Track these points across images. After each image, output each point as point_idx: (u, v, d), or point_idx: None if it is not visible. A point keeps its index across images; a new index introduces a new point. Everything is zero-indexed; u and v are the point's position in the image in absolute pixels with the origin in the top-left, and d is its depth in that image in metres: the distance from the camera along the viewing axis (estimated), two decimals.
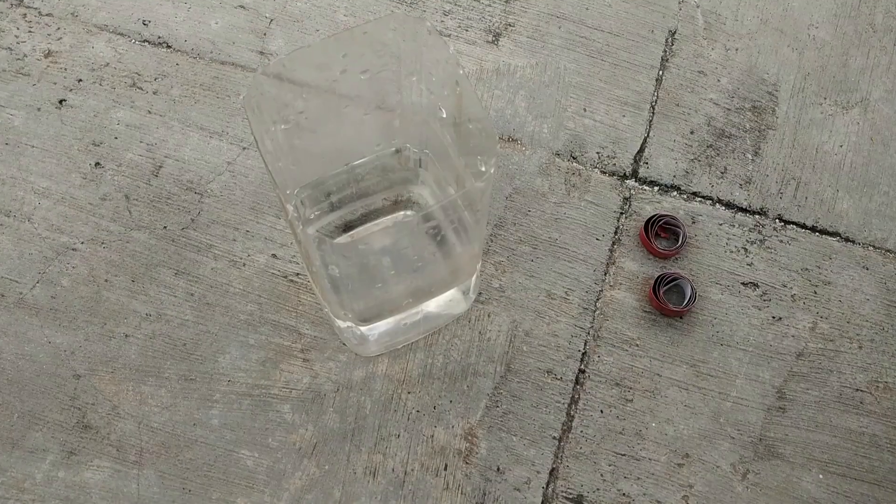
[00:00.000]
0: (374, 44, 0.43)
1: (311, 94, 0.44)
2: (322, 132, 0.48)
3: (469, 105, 0.40)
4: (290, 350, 0.56)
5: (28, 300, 0.56)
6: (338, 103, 0.46)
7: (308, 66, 0.42)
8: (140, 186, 0.60)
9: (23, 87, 0.63)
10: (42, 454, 0.52)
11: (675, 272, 0.57)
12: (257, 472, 0.52)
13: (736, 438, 0.55)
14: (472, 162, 0.44)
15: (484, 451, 0.54)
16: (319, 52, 0.42)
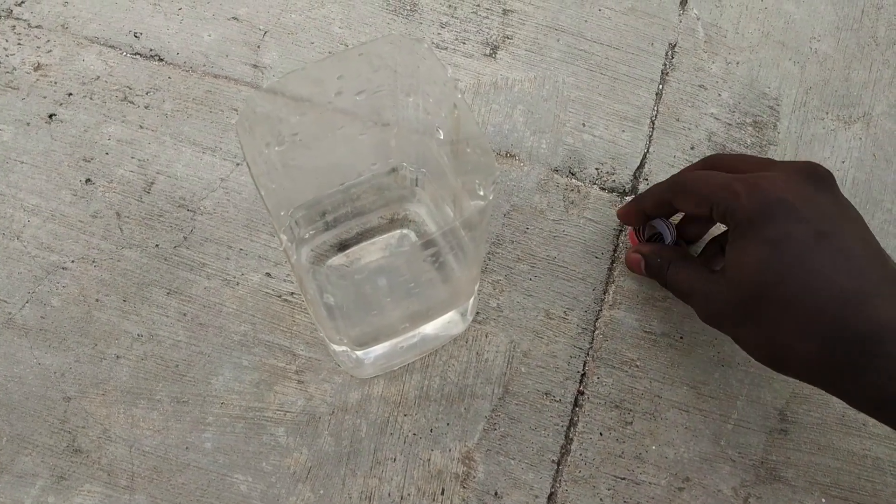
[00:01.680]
0: (370, 64, 0.42)
1: (306, 114, 0.43)
2: (317, 152, 0.47)
3: (467, 129, 0.39)
4: (285, 371, 0.55)
5: (17, 320, 0.55)
6: (333, 123, 0.45)
7: (303, 86, 0.41)
8: (131, 203, 0.59)
9: (11, 101, 0.62)
10: (31, 479, 0.51)
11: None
12: (251, 497, 0.52)
13: (737, 461, 0.54)
14: (471, 184, 0.43)
15: (482, 475, 0.53)
16: (315, 72, 0.41)
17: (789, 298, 0.43)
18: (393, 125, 0.47)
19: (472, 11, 0.68)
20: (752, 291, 0.44)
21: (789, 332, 0.43)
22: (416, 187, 0.53)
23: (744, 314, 0.45)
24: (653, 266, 0.54)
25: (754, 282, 0.44)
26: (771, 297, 0.43)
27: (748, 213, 0.44)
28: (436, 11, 0.68)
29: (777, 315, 0.43)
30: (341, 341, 0.48)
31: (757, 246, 0.44)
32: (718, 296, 0.47)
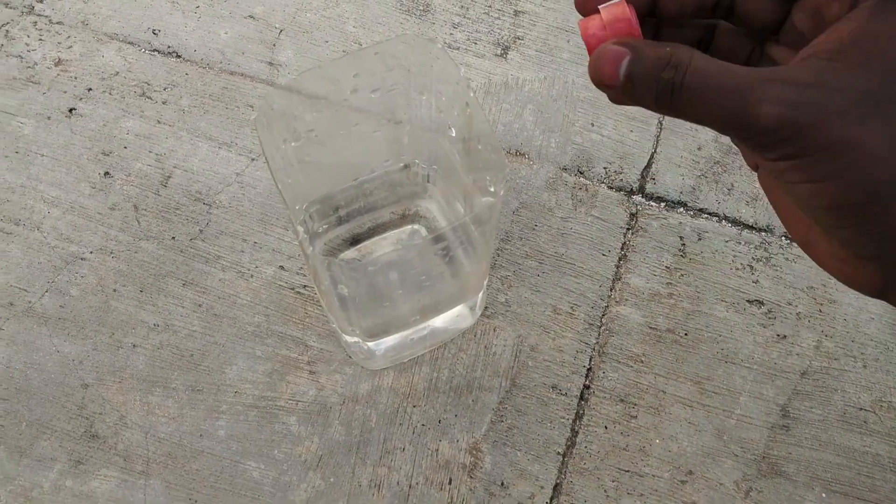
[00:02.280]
0: (385, 63, 0.43)
1: (322, 112, 0.44)
2: (332, 148, 0.48)
3: (478, 127, 0.40)
4: (297, 362, 0.56)
5: (37, 309, 0.57)
6: (348, 121, 0.46)
7: (319, 84, 0.42)
8: (149, 196, 0.60)
9: (33, 95, 0.63)
10: (50, 463, 0.53)
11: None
12: (263, 484, 0.53)
13: (739, 456, 0.55)
14: (482, 181, 0.44)
15: (488, 466, 0.54)
16: (331, 71, 0.42)
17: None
18: (406, 123, 0.49)
19: (484, 12, 0.69)
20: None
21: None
22: (427, 184, 0.55)
23: (886, 99, 0.26)
24: (652, 56, 0.29)
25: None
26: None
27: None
28: (448, 12, 0.69)
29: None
30: (353, 332, 0.50)
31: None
32: (832, 78, 0.27)
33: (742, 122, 0.27)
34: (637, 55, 0.29)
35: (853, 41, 0.27)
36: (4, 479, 0.52)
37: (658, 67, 0.28)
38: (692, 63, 0.28)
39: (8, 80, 0.64)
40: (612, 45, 0.29)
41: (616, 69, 0.29)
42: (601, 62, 0.29)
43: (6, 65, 0.64)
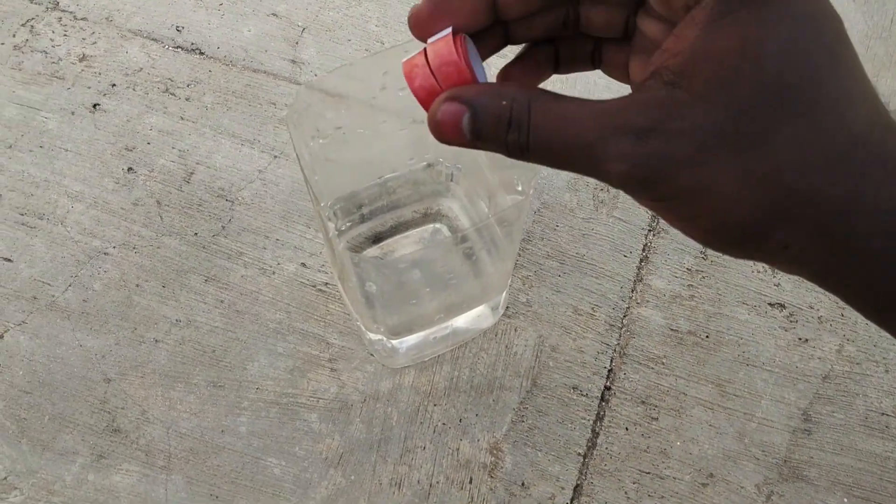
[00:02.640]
0: None
1: (350, 109, 0.44)
2: (358, 146, 0.48)
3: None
4: (318, 359, 0.56)
5: (60, 303, 0.57)
6: (375, 119, 0.46)
7: (349, 83, 0.42)
8: (172, 192, 0.60)
9: (57, 90, 0.64)
10: (72, 457, 0.53)
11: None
12: (284, 481, 0.53)
13: (761, 459, 0.55)
14: (509, 180, 0.44)
15: (509, 466, 0.54)
16: (361, 69, 0.42)
17: (824, 108, 0.25)
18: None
19: None
20: (759, 98, 0.25)
21: (814, 160, 0.25)
22: (450, 182, 0.55)
23: (732, 137, 0.25)
24: (491, 114, 0.27)
25: (768, 81, 0.24)
26: (793, 106, 0.25)
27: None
28: None
29: (796, 135, 0.25)
30: (378, 330, 0.50)
31: (776, 15, 0.25)
32: (680, 116, 0.25)
33: (595, 176, 0.27)
34: (475, 114, 0.27)
35: (694, 60, 0.25)
36: (27, 472, 0.52)
37: (500, 127, 0.27)
38: (532, 118, 0.27)
39: (33, 76, 0.64)
40: (447, 105, 0.28)
41: (459, 129, 0.28)
42: (442, 124, 0.28)
43: (31, 60, 0.65)
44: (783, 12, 0.24)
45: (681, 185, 0.25)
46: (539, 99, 0.27)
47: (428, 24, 0.30)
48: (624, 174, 0.26)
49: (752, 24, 0.24)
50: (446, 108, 0.27)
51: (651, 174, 0.25)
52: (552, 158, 0.27)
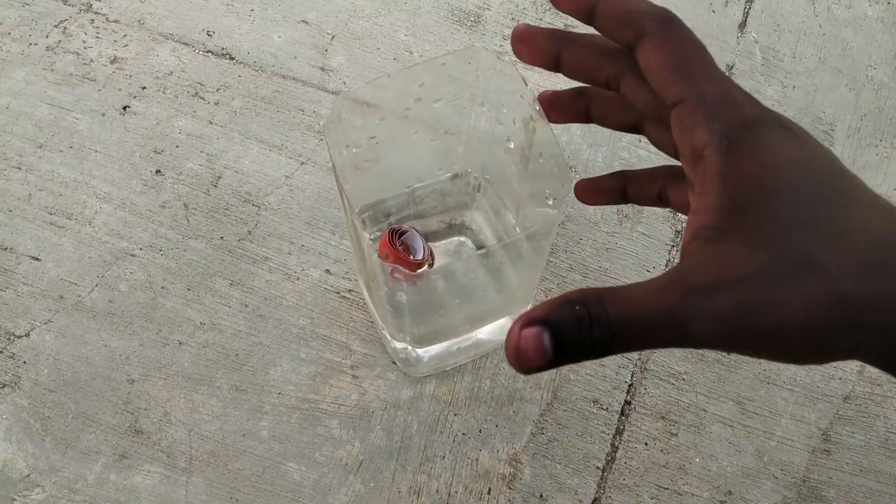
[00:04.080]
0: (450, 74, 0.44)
1: (385, 120, 0.45)
2: (389, 156, 0.48)
3: (544, 141, 0.40)
4: (341, 366, 0.56)
5: (86, 303, 0.57)
6: (408, 129, 0.46)
7: (385, 93, 0.43)
8: (199, 196, 0.61)
9: (88, 91, 0.64)
10: (95, 456, 0.53)
11: (404, 227, 0.51)
12: (304, 486, 0.53)
13: (779, 478, 0.55)
14: (540, 193, 0.44)
15: (528, 478, 0.54)
16: (398, 81, 0.42)
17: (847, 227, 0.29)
18: (462, 133, 0.49)
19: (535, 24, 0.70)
20: (788, 230, 0.28)
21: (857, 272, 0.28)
22: (476, 193, 0.55)
23: (782, 270, 0.28)
24: (570, 325, 0.27)
25: (789, 214, 0.28)
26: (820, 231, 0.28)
27: (747, 120, 0.30)
28: (499, 24, 0.69)
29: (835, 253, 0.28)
30: (403, 339, 0.50)
31: (777, 162, 0.29)
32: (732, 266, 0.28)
33: (680, 343, 0.28)
34: (555, 330, 0.27)
35: (724, 214, 0.29)
36: (50, 470, 0.53)
37: (583, 330, 0.27)
38: (607, 309, 0.27)
39: (64, 76, 0.65)
40: (527, 331, 0.27)
41: (542, 350, 0.27)
42: (524, 357, 0.28)
43: (63, 61, 0.65)
44: (781, 160, 0.29)
45: (761, 328, 0.28)
46: (606, 291, 0.28)
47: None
48: (709, 333, 0.28)
49: (758, 174, 0.29)
50: (528, 335, 0.27)
51: (733, 326, 0.28)
52: (638, 339, 0.28)
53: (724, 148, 0.29)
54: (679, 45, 0.32)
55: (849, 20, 0.72)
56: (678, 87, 0.31)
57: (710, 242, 0.28)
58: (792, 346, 0.29)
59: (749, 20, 0.72)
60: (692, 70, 0.31)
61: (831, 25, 0.72)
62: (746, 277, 0.28)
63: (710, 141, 0.30)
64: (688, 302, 0.27)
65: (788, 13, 0.72)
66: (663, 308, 0.27)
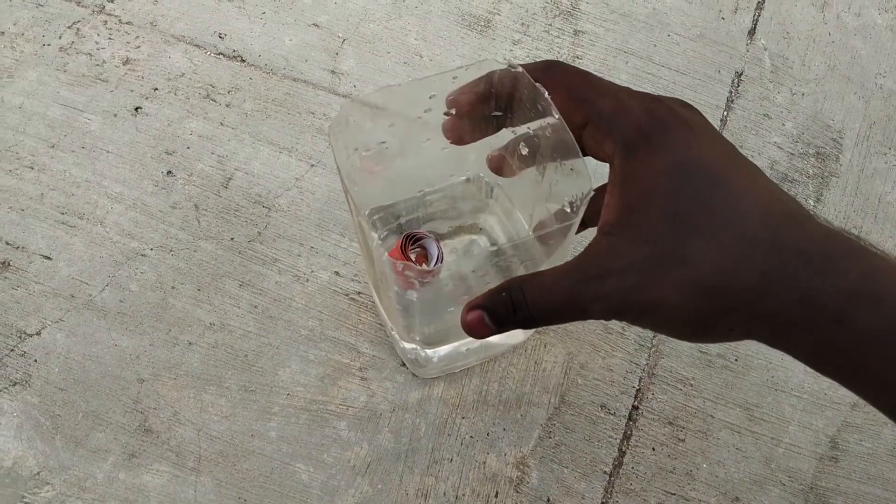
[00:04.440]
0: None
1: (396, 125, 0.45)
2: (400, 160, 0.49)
3: (562, 148, 0.40)
4: (349, 368, 0.57)
5: (97, 302, 0.58)
6: (419, 136, 0.47)
7: (396, 101, 0.43)
8: (210, 197, 0.61)
9: (101, 92, 0.65)
10: (104, 455, 0.54)
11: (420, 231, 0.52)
12: (312, 487, 0.53)
13: (787, 485, 0.55)
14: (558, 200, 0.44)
15: (535, 481, 0.54)
16: (409, 90, 0.43)
17: (718, 224, 0.33)
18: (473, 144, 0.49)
19: (545, 31, 0.70)
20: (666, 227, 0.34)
21: (722, 265, 0.33)
22: (489, 199, 0.55)
23: (658, 261, 0.34)
24: (500, 308, 0.37)
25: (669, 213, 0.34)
26: (693, 228, 0.33)
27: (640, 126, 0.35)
28: (509, 29, 0.70)
29: (704, 249, 0.33)
30: (413, 339, 0.50)
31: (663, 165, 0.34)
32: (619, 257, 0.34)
33: (586, 318, 0.35)
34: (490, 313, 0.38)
35: (619, 212, 0.35)
36: (60, 468, 0.53)
37: (510, 314, 0.37)
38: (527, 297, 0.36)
39: (77, 77, 0.65)
40: (470, 314, 0.38)
41: (485, 325, 0.38)
42: (472, 327, 0.38)
43: (76, 62, 0.66)
44: (668, 163, 0.34)
45: (640, 306, 0.34)
46: (526, 281, 0.37)
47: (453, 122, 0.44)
48: (602, 311, 0.35)
49: (648, 177, 0.34)
50: (471, 316, 0.38)
51: (619, 304, 0.34)
52: (552, 317, 0.37)
53: (622, 157, 0.35)
54: (566, 80, 0.38)
55: (858, 28, 0.72)
56: (578, 113, 0.37)
57: (607, 236, 0.35)
58: (670, 323, 0.34)
59: (758, 27, 0.72)
60: (584, 94, 0.37)
61: (840, 33, 0.72)
62: (630, 267, 0.33)
63: (615, 151, 0.36)
64: (584, 288, 0.34)
65: (798, 21, 0.72)
66: (566, 293, 0.35)
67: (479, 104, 0.43)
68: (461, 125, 0.44)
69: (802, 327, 0.33)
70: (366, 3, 0.70)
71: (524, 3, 0.71)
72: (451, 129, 0.44)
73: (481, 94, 0.42)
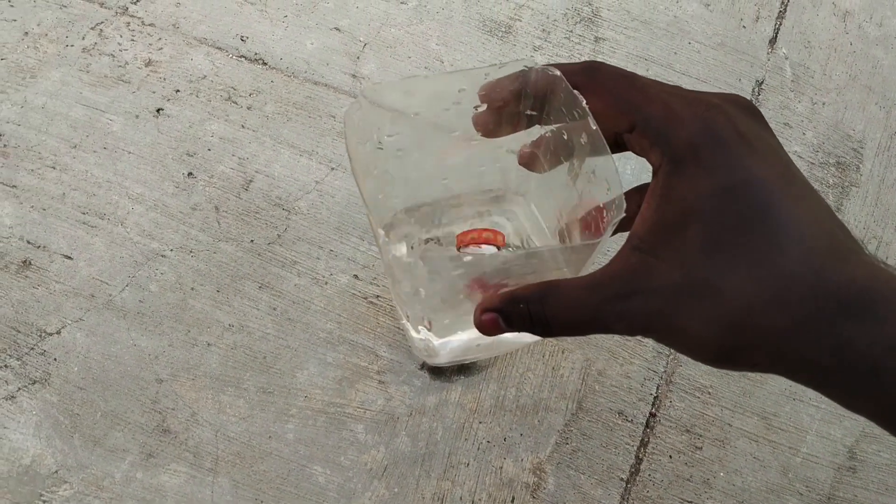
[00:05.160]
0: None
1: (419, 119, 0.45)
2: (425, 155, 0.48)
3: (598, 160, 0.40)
4: (367, 371, 0.57)
5: (117, 302, 0.58)
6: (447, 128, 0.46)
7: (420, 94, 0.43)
8: (230, 199, 0.61)
9: (123, 93, 0.65)
10: (122, 454, 0.54)
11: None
12: (328, 489, 0.53)
13: (804, 495, 0.55)
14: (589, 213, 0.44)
15: (552, 487, 0.54)
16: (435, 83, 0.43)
17: (757, 259, 0.32)
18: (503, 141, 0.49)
19: (565, 37, 0.70)
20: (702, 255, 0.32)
21: (754, 303, 0.31)
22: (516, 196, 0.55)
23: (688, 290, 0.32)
24: (516, 317, 0.37)
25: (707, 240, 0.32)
26: (730, 259, 0.32)
27: (691, 139, 0.33)
28: (530, 35, 0.70)
29: (738, 283, 0.32)
30: (424, 329, 0.50)
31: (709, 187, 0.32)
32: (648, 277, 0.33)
33: (606, 333, 0.34)
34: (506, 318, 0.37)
35: (654, 229, 0.33)
36: (78, 467, 0.53)
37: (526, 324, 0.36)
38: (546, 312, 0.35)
39: (100, 78, 0.66)
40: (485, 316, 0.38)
41: (499, 327, 0.38)
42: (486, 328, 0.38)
43: (99, 63, 0.66)
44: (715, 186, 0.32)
45: (663, 330, 0.33)
46: (547, 294, 0.35)
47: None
48: (625, 330, 0.34)
49: (691, 198, 0.32)
50: (486, 317, 0.38)
51: (642, 326, 0.33)
52: (571, 334, 0.36)
53: (668, 171, 0.33)
54: (610, 84, 0.37)
55: (879, 38, 0.72)
56: (624, 120, 0.35)
57: (636, 251, 0.33)
58: (693, 351, 0.33)
59: (780, 36, 0.72)
60: (631, 100, 0.35)
61: (862, 43, 0.72)
62: (659, 290, 0.32)
63: (661, 163, 0.33)
64: (608, 306, 0.33)
65: (819, 30, 0.72)
66: (589, 310, 0.34)
67: (512, 101, 0.42)
68: (492, 119, 0.43)
69: (834, 374, 0.31)
70: (387, 7, 0.71)
71: (545, 10, 0.71)
72: (482, 123, 0.43)
73: (515, 92, 0.41)
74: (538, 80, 0.41)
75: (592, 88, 0.38)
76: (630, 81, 0.36)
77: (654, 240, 0.33)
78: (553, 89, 0.41)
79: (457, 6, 0.71)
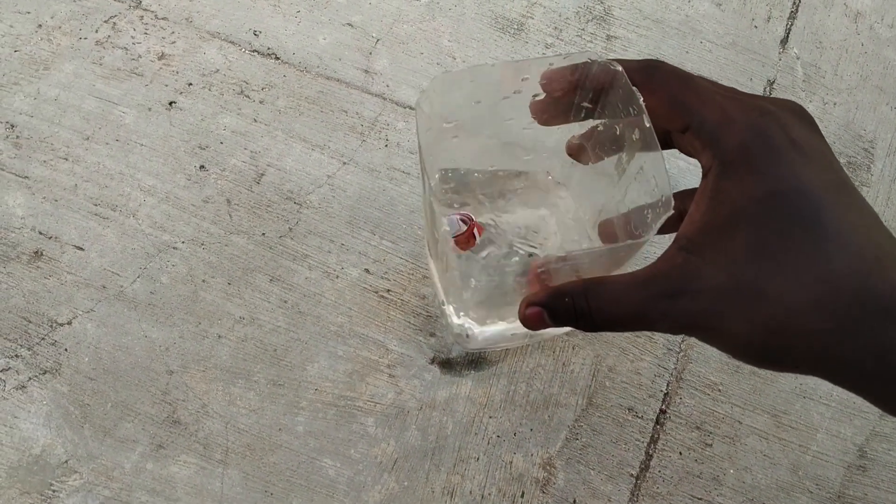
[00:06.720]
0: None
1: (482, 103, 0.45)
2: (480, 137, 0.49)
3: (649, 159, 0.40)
4: (377, 365, 0.57)
5: (128, 294, 0.58)
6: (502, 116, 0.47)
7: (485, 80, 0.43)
8: (242, 192, 0.62)
9: (136, 86, 0.65)
10: (132, 445, 0.54)
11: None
12: (338, 482, 0.53)
13: (814, 493, 0.55)
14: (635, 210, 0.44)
15: (561, 482, 0.54)
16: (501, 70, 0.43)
17: (803, 264, 0.32)
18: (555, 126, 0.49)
19: (577, 35, 0.70)
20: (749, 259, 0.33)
21: (799, 307, 0.32)
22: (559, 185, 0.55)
23: (734, 292, 0.33)
24: (562, 312, 0.38)
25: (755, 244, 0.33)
26: (777, 264, 0.33)
27: (743, 144, 0.34)
28: (542, 32, 0.70)
29: (783, 287, 0.32)
30: (466, 316, 0.50)
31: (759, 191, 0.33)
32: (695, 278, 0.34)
33: (649, 330, 0.35)
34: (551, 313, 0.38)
35: (703, 230, 0.34)
36: (88, 457, 0.53)
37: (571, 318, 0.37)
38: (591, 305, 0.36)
39: (113, 71, 0.66)
40: (529, 310, 0.39)
41: (544, 321, 0.39)
42: (530, 322, 0.39)
43: (112, 56, 0.66)
44: (765, 191, 0.33)
45: (708, 330, 0.34)
46: (592, 289, 0.36)
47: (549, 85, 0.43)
48: (669, 328, 0.35)
49: (740, 201, 0.33)
50: (530, 311, 0.39)
51: (687, 325, 0.34)
52: (615, 329, 0.37)
53: (718, 173, 0.34)
54: (667, 84, 0.37)
55: (891, 39, 0.72)
56: (678, 120, 0.36)
57: (683, 251, 0.34)
58: (736, 351, 0.34)
59: (791, 36, 0.72)
60: (686, 101, 0.36)
61: (874, 44, 0.72)
62: (704, 291, 0.33)
63: (712, 165, 0.34)
64: (654, 303, 0.34)
65: (831, 30, 0.72)
66: (634, 307, 0.35)
67: (570, 92, 0.42)
68: (549, 107, 0.43)
69: (875, 378, 0.32)
70: (400, 3, 0.71)
71: (557, 7, 0.72)
72: (538, 110, 0.44)
73: (574, 83, 0.42)
74: (599, 73, 0.41)
75: (649, 86, 0.38)
76: (687, 82, 0.37)
77: (702, 241, 0.34)
78: (612, 84, 0.42)
79: (469, 3, 0.71)
